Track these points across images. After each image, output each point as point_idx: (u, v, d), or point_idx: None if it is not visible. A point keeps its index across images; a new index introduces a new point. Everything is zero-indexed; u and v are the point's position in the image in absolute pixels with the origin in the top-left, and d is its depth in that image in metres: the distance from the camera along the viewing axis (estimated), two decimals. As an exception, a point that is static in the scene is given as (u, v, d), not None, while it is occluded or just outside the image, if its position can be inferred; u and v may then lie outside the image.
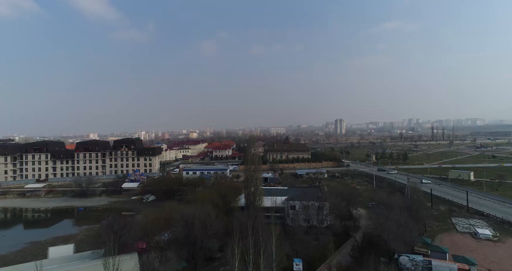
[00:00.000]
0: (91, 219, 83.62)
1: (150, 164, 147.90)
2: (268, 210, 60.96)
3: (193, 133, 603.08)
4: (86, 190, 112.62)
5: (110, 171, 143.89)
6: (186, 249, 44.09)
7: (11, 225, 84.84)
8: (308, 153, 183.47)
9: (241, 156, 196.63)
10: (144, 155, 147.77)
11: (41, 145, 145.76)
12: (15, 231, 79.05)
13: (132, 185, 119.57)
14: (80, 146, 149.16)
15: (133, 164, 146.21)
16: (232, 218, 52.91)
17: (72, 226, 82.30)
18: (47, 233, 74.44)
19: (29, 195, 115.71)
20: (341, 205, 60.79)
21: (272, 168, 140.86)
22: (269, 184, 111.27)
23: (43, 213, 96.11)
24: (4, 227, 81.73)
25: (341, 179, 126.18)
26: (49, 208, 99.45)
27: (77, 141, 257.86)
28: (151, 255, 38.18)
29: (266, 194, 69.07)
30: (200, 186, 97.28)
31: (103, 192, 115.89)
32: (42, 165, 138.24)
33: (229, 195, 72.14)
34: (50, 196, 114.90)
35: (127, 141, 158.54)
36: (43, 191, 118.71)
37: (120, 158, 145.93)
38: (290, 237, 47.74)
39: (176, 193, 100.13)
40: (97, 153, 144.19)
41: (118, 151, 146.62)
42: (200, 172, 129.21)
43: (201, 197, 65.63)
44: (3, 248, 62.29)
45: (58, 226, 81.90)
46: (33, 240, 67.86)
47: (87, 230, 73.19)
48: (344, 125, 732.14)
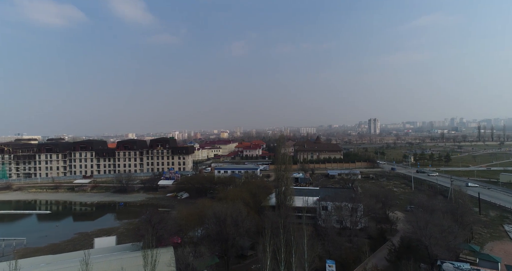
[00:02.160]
0: (131, 214, 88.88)
1: (184, 163, 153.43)
2: (299, 210, 60.32)
3: (224, 133, 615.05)
4: (126, 186, 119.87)
5: (147, 168, 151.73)
6: (218, 246, 45.11)
7: (63, 217, 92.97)
8: (340, 153, 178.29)
9: (271, 155, 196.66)
10: (178, 154, 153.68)
11: (86, 144, 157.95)
12: (66, 222, 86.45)
13: (167, 182, 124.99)
14: (121, 145, 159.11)
15: (168, 162, 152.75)
16: (263, 216, 53.16)
17: (114, 219, 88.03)
18: (92, 225, 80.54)
19: (77, 189, 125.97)
20: (376, 207, 58.23)
21: (303, 168, 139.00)
22: (300, 184, 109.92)
23: (89, 206, 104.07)
24: (57, 218, 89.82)
25: (376, 180, 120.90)
26: (94, 202, 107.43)
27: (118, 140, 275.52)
28: (186, 249, 39.52)
29: (297, 194, 68.40)
30: (231, 184, 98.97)
31: (141, 189, 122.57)
32: (88, 162, 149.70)
33: (260, 194, 72.48)
34: (94, 191, 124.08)
35: (162, 140, 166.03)
36: (88, 186, 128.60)
37: (156, 156, 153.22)
38: (322, 238, 46.75)
39: (208, 190, 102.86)
40: (135, 151, 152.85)
41: (154, 149, 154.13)
42: (231, 171, 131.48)
43: (232, 195, 66.69)
44: (56, 237, 68.51)
45: (102, 219, 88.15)
46: (81, 231, 73.79)
47: (127, 223, 77.88)
48: (378, 125, 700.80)
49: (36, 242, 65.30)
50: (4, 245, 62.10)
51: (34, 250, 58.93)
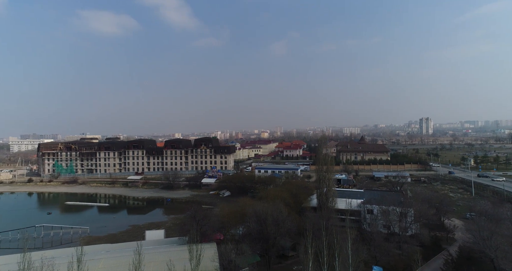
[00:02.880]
0: (177, 209, 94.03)
1: (226, 162, 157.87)
2: (342, 212, 58.16)
3: (264, 133, 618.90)
4: (173, 183, 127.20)
5: (191, 166, 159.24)
6: (259, 244, 45.52)
7: (119, 210, 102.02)
8: (387, 154, 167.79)
9: (312, 156, 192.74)
10: (220, 153, 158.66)
11: (138, 143, 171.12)
12: (122, 215, 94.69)
13: (210, 180, 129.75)
14: (168, 144, 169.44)
15: (210, 161, 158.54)
16: (304, 217, 52.34)
17: (162, 214, 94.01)
18: (144, 218, 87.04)
19: (130, 185, 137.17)
20: (429, 213, 53.69)
21: (346, 169, 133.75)
22: (343, 185, 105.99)
23: (141, 201, 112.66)
24: (114, 211, 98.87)
25: (428, 184, 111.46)
26: (145, 197, 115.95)
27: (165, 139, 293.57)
28: (228, 246, 40.68)
29: (340, 196, 66.08)
30: (271, 184, 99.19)
31: (186, 186, 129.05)
32: (139, 160, 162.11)
33: (300, 194, 71.57)
34: (145, 187, 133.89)
35: (206, 140, 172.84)
36: (140, 182, 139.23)
37: (200, 155, 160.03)
38: (368, 243, 44.46)
39: (249, 189, 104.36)
40: (181, 150, 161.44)
41: (198, 148, 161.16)
42: (271, 171, 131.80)
43: (272, 194, 66.80)
44: (113, 228, 75.41)
45: (152, 214, 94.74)
46: (134, 223, 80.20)
47: (174, 218, 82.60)
48: (431, 124, 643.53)
49: (97, 231, 72.61)
50: (72, 232, 70.25)
51: (95, 239, 65.58)
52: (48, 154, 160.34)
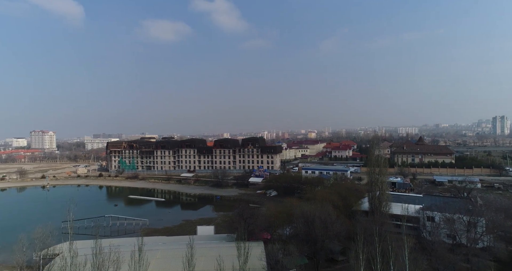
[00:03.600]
0: (225, 207, 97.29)
1: (272, 161, 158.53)
2: (397, 218, 53.97)
3: (311, 133, 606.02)
4: (221, 182, 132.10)
5: (239, 165, 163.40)
6: (307, 246, 44.72)
7: (173, 205, 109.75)
8: (451, 157, 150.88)
9: (362, 157, 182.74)
10: (266, 153, 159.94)
11: (190, 142, 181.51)
12: (176, 210, 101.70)
13: (257, 179, 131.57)
14: (217, 143, 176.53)
15: (257, 161, 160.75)
16: (355, 221, 49.96)
17: (212, 211, 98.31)
18: (195, 214, 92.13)
19: (183, 182, 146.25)
20: (505, 224, 46.81)
21: (401, 172, 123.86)
22: (398, 189, 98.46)
23: (192, 197, 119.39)
24: (169, 206, 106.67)
25: (504, 192, 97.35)
26: (196, 194, 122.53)
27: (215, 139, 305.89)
28: (275, 246, 40.79)
29: (395, 200, 61.55)
30: (319, 185, 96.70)
31: (234, 184, 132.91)
32: (191, 158, 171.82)
33: (350, 197, 68.50)
34: (196, 184, 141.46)
35: (253, 140, 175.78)
36: (192, 179, 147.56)
37: (247, 154, 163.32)
38: (428, 253, 40.50)
39: (296, 190, 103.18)
40: (229, 149, 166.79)
41: (245, 148, 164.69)
42: (318, 172, 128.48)
43: (320, 196, 65.12)
44: (169, 222, 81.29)
45: (203, 210, 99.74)
46: (186, 218, 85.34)
47: (222, 215, 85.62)
48: (507, 123, 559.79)
49: (155, 223, 78.99)
50: (134, 223, 77.58)
51: (153, 230, 71.43)
52: (115, 151, 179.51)
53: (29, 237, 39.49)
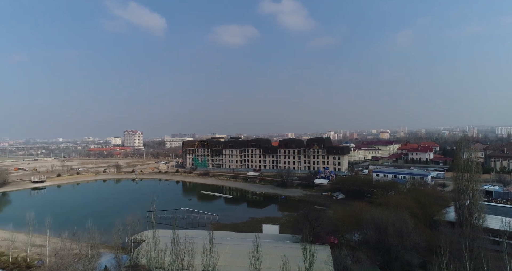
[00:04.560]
0: (290, 207, 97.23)
1: (339, 163, 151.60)
2: (495, 233, 45.62)
3: (384, 134, 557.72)
4: (286, 182, 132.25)
5: (304, 166, 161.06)
6: (379, 255, 41.41)
7: (240, 202, 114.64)
8: None
9: (447, 160, 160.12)
10: (333, 154, 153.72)
11: (256, 142, 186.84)
12: (243, 207, 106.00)
13: (323, 181, 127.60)
14: (282, 143, 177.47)
15: (323, 162, 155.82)
16: (437, 232, 44.10)
17: (277, 210, 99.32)
18: (261, 212, 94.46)
19: (249, 180, 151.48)
20: None
21: (500, 180, 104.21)
22: (495, 199, 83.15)
23: (258, 196, 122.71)
24: (237, 203, 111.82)
25: None
26: (262, 193, 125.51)
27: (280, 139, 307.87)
28: (343, 251, 38.85)
29: (491, 212, 52.31)
30: (392, 190, 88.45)
31: (298, 185, 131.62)
32: (257, 158, 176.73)
33: (431, 205, 60.69)
34: (262, 183, 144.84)
35: (318, 140, 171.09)
36: (257, 178, 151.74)
37: (312, 155, 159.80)
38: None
39: (366, 194, 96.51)
40: (293, 149, 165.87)
41: (310, 148, 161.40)
42: (392, 175, 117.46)
43: (394, 202, 59.43)
44: (236, 218, 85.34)
45: (268, 209, 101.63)
46: (252, 216, 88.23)
47: (287, 216, 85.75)
48: None
49: (224, 219, 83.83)
50: (206, 217, 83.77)
51: (222, 225, 75.86)
52: (189, 150, 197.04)
53: (123, 223, 46.30)
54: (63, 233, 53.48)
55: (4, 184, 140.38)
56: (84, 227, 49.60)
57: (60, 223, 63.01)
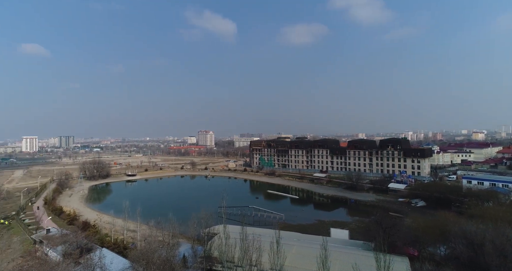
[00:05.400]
0: (360, 212, 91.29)
1: (418, 167, 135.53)
2: None
3: (478, 134, 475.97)
4: (356, 184, 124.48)
5: (376, 169, 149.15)
6: (472, 276, 35.55)
7: (306, 203, 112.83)
8: None
9: None
10: (411, 156, 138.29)
11: (323, 142, 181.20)
12: (309, 208, 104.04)
13: (399, 186, 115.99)
14: (351, 144, 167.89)
15: (399, 165, 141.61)
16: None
17: (346, 214, 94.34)
18: (328, 215, 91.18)
19: (316, 182, 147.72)
20: None
21: None
22: None
23: (325, 198, 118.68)
24: (303, 204, 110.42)
25: None
26: (329, 195, 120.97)
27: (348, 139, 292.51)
28: (425, 266, 34.52)
29: None
30: (490, 200, 74.99)
31: (370, 189, 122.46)
32: (324, 159, 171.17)
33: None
34: (329, 185, 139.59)
35: (393, 141, 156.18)
36: (324, 180, 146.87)
37: (386, 157, 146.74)
38: None
39: (453, 203, 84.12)
40: (364, 151, 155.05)
41: (384, 150, 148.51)
42: (490, 183, 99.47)
43: (493, 214, 50.56)
44: (302, 219, 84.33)
45: (336, 212, 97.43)
46: (319, 218, 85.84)
47: (357, 221, 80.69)
48: None
49: (290, 219, 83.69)
50: (272, 216, 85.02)
51: (288, 226, 75.82)
52: (256, 149, 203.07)
53: (198, 217, 50.46)
54: (150, 222, 61.42)
55: (107, 176, 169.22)
56: (166, 218, 55.87)
57: (148, 212, 72.18)
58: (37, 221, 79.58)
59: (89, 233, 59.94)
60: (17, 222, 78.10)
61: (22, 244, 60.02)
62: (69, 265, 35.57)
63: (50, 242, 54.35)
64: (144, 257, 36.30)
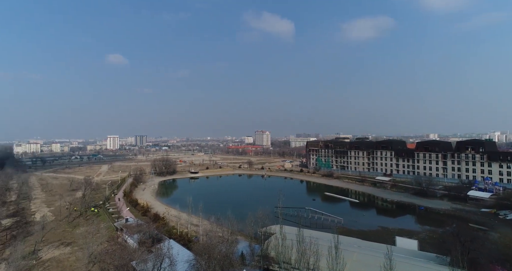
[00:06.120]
0: (432, 221, 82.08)
1: (508, 173, 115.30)
2: None
3: None
4: (426, 190, 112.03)
5: (451, 174, 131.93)
6: None
7: (367, 208, 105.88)
8: None
9: None
10: (498, 161, 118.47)
11: (386, 143, 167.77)
12: (370, 214, 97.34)
13: (481, 194, 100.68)
14: (420, 146, 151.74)
15: (481, 170, 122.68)
16: None
17: (414, 222, 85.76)
18: (392, 222, 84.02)
19: (379, 185, 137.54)
20: None
21: None
22: None
23: (389, 203, 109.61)
24: (364, 208, 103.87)
25: None
26: (394, 200, 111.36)
27: (417, 140, 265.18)
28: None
29: None
30: None
31: (444, 196, 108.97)
32: (388, 161, 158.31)
33: None
34: (394, 189, 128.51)
35: (474, 143, 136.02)
36: (388, 184, 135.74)
37: (465, 161, 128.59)
38: None
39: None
40: (437, 153, 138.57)
41: (462, 153, 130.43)
42: None
43: None
44: (363, 225, 79.36)
45: (402, 219, 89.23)
46: (382, 225, 79.71)
47: (428, 231, 72.69)
48: None
49: (349, 224, 79.61)
50: (330, 220, 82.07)
51: (347, 230, 72.19)
52: (312, 150, 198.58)
53: (254, 216, 51.71)
54: (210, 218, 65.24)
55: (174, 172, 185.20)
56: (225, 215, 58.56)
57: (208, 208, 76.68)
58: (118, 210, 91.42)
59: (159, 225, 66.44)
60: (103, 211, 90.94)
61: (107, 230, 69.63)
62: (143, 253, 39.98)
63: (128, 230, 62.01)
64: (206, 251, 38.65)
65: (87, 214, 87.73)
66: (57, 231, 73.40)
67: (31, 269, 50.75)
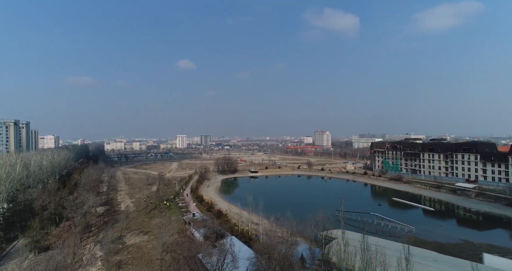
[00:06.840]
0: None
1: None
2: None
3: None
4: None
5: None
6: None
7: (446, 217, 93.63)
8: None
9: None
10: None
11: (470, 145, 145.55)
12: (449, 224, 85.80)
13: None
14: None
15: None
16: None
17: (507, 238, 72.71)
18: (478, 236, 72.55)
19: (459, 193, 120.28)
20: None
21: None
22: None
23: (474, 214, 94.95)
24: (441, 218, 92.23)
25: None
26: (480, 211, 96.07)
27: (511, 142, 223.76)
28: None
29: None
30: None
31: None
32: (471, 166, 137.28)
33: None
34: (480, 198, 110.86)
35: None
36: (473, 192, 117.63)
37: None
38: None
39: None
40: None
41: None
42: None
43: None
44: (440, 236, 70.36)
45: (491, 233, 76.46)
46: (465, 238, 69.46)
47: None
48: None
49: (423, 234, 71.54)
50: (399, 228, 75.06)
51: (420, 241, 65.04)
52: (378, 151, 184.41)
53: (314, 218, 50.51)
54: (270, 217, 66.05)
55: (235, 171, 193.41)
56: (284, 215, 58.59)
57: (268, 208, 77.62)
58: (186, 205, 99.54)
59: (221, 221, 70.10)
60: (174, 205, 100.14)
61: (177, 222, 76.52)
62: (208, 247, 42.73)
63: (195, 224, 67.02)
64: (266, 250, 39.32)
65: (160, 206, 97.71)
66: (137, 220, 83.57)
67: (118, 252, 58.90)
